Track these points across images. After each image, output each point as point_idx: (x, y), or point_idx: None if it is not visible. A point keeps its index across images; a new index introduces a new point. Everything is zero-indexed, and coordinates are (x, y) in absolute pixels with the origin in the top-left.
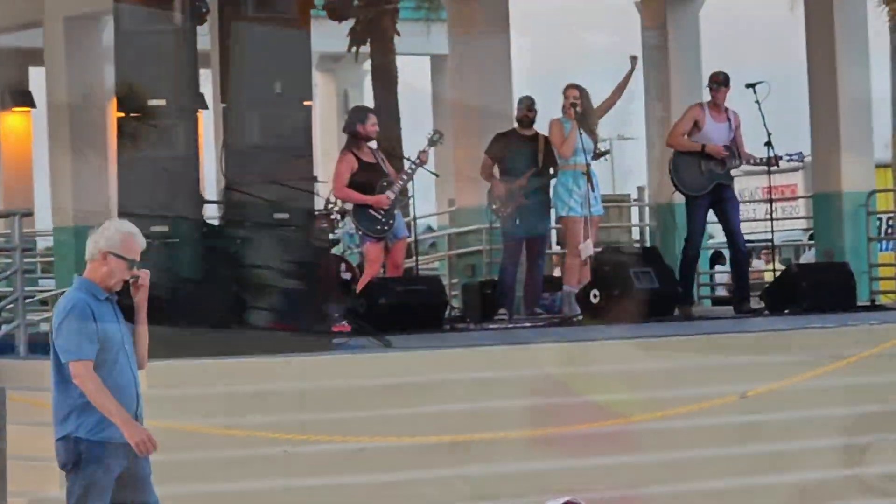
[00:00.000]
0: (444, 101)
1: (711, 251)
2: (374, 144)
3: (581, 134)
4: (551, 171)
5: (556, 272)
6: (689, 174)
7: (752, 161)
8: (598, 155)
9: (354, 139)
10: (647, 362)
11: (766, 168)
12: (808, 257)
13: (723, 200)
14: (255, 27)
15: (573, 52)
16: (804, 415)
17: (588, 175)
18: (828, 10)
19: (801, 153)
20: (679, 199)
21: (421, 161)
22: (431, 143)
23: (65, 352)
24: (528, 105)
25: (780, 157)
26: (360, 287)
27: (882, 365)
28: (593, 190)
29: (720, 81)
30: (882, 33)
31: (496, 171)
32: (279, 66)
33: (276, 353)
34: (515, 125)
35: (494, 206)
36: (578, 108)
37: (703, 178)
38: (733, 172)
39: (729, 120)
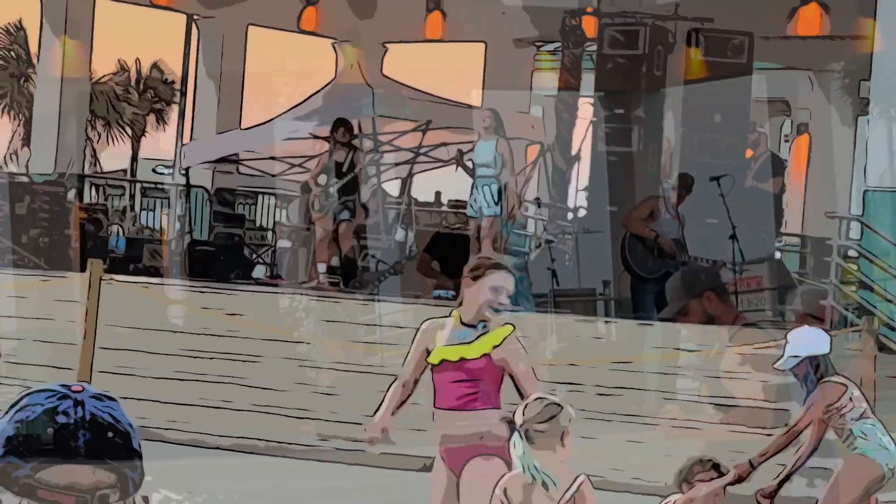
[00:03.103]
0: None
1: None
2: None
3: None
4: None
5: None
6: (641, 256)
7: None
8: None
9: None
10: None
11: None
12: None
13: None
14: None
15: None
16: None
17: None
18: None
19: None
20: None
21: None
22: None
23: None
24: None
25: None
26: None
27: None
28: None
29: (687, 187)
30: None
31: (435, 265)
32: None
33: None
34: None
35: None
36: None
37: (654, 263)
38: None
39: (679, 220)
